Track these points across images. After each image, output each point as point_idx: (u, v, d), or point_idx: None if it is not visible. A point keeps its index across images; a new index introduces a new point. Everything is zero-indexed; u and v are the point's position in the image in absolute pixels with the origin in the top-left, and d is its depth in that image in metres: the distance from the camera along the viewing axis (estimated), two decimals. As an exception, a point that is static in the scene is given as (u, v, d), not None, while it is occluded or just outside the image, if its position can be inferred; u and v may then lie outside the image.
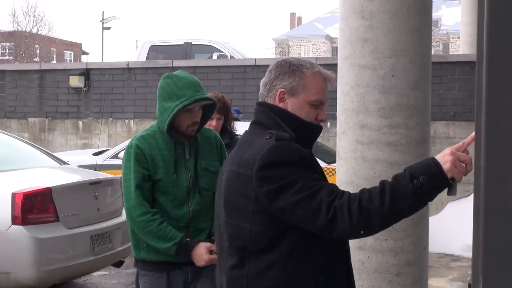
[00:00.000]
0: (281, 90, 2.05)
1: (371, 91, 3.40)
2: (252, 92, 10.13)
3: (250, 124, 2.11)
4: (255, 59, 10.50)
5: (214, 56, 12.23)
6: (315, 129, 2.06)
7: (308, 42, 74.99)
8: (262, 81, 2.12)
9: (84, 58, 52.34)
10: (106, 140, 10.90)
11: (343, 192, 1.85)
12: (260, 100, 2.12)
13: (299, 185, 1.84)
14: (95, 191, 5.58)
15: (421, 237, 3.50)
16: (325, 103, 2.08)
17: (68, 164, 6.53)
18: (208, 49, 12.83)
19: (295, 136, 1.98)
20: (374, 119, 3.40)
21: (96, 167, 7.48)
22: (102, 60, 38.03)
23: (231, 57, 12.37)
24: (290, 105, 2.04)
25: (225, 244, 2.02)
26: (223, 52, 12.53)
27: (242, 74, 10.33)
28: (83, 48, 55.14)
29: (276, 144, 1.90)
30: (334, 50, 71.17)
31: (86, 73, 11.06)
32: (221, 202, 2.04)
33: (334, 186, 1.88)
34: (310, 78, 2.04)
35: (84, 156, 8.55)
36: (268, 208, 1.89)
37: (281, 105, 2.05)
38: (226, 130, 4.25)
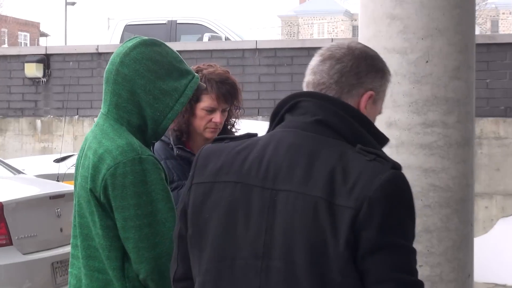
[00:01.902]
0: (372, 92, 1.93)
1: (401, 80, 3.40)
2: (253, 83, 10.14)
3: (310, 123, 1.85)
4: (256, 41, 10.51)
5: (205, 38, 12.24)
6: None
7: (322, 19, 75.02)
8: (336, 67, 1.91)
9: (43, 41, 52.43)
10: (70, 143, 10.92)
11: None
12: (323, 91, 1.90)
13: (406, 256, 1.76)
14: (57, 207, 5.58)
15: (465, 262, 3.51)
16: None
17: (23, 173, 6.53)
18: (197, 29, 12.84)
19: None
20: (405, 116, 3.40)
21: (58, 177, 7.48)
22: (66, 44, 38.04)
23: (227, 38, 12.38)
24: (370, 114, 1.94)
25: None
26: (216, 33, 12.54)
27: (240, 59, 10.34)
28: (42, 29, 55.23)
29: (397, 175, 1.77)
30: (355, 30, 71.21)
31: (45, 59, 11.07)
32: (294, 239, 1.77)
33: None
34: (387, 84, 2.00)
35: (44, 164, 8.55)
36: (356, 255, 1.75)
37: (364, 112, 1.91)
38: (226, 129, 3.38)
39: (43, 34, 54.64)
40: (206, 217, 1.87)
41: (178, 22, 12.98)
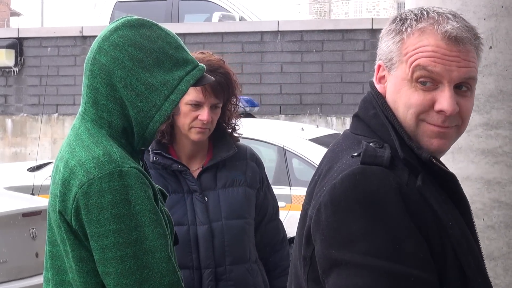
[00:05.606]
0: (378, 63, 1.90)
1: (458, 70, 3.41)
2: (274, 73, 10.14)
3: (351, 121, 1.93)
4: (278, 21, 10.51)
5: (215, 18, 12.27)
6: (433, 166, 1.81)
7: (360, -6, 74.95)
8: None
9: (14, 22, 52.67)
10: (48, 147, 10.95)
11: None
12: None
13: (364, 279, 1.59)
14: (32, 227, 5.60)
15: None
16: (441, 77, 1.80)
17: (-10, 184, 6.56)
18: (205, 7, 12.87)
19: (403, 155, 1.75)
20: (463, 114, 3.40)
21: (33, 190, 7.52)
22: (42, 25, 38.23)
23: (241, 18, 12.40)
24: (389, 87, 1.87)
25: None
26: (229, 12, 12.56)
27: (258, 44, 10.35)
28: (13, 7, 55.45)
29: (358, 171, 1.68)
30: (401, 7, 71.12)
31: (17, 44, 11.12)
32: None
33: None
34: (410, 39, 1.84)
35: (15, 173, 8.58)
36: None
37: (379, 88, 1.89)
38: (224, 132, 3.39)
39: (15, 13, 54.90)
40: None
41: (181, -2, 13.02)
